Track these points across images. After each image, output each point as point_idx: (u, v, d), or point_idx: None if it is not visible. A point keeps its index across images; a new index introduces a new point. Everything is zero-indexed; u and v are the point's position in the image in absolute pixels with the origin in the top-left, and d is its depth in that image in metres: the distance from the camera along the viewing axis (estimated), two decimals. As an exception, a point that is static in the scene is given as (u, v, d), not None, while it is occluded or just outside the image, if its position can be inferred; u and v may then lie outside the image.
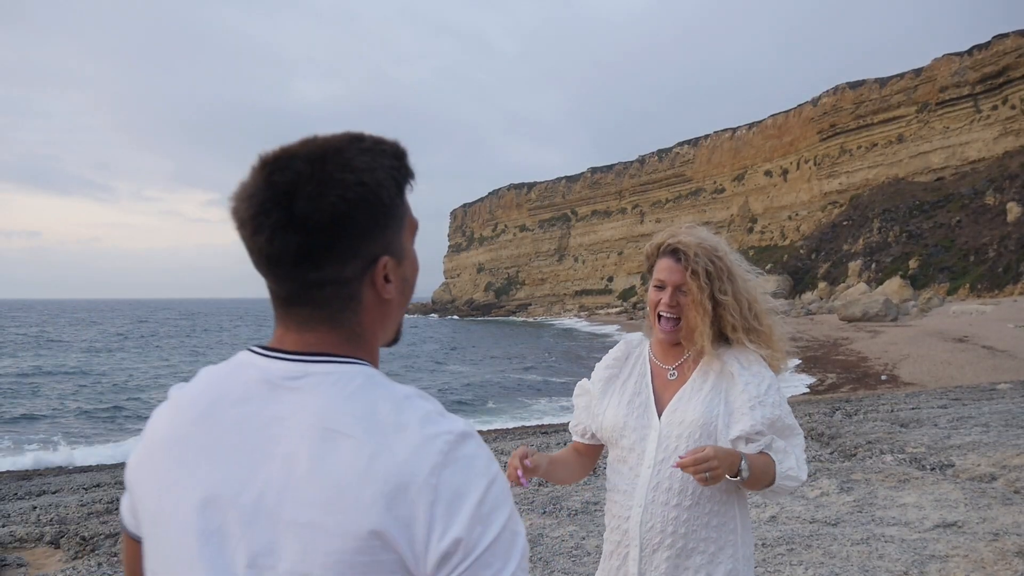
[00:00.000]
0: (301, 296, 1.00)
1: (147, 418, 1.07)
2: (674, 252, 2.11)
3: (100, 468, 12.75)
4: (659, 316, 2.12)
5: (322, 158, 0.97)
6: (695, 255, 2.07)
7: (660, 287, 2.12)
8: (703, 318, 2.08)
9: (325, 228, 0.95)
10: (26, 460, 15.62)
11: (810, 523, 4.98)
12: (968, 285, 54.53)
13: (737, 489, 2.06)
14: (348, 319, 1.02)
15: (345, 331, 1.02)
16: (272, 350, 1.01)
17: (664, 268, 2.12)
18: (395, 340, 1.14)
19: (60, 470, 12.90)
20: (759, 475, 1.94)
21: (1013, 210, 58.88)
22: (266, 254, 0.98)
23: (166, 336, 71.27)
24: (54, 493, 8.57)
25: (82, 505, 6.65)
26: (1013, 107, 71.27)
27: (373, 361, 1.04)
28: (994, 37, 75.00)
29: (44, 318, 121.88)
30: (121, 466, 12.57)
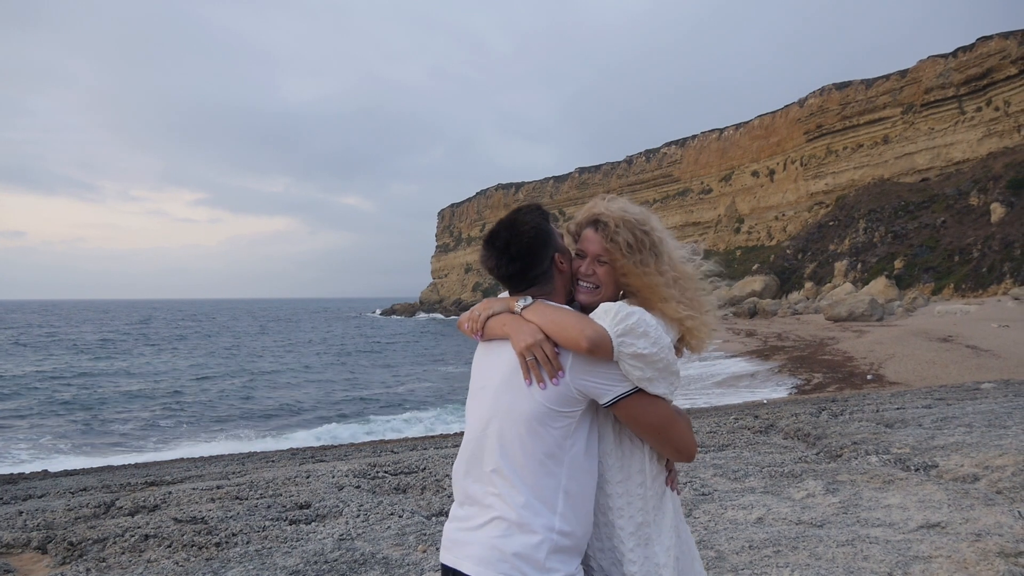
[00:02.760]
0: (524, 286, 2.16)
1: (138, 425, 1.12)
2: (595, 223, 2.19)
3: (86, 472, 12.67)
4: (577, 283, 2.20)
5: (512, 223, 2.13)
6: (615, 227, 2.14)
7: (581, 256, 2.20)
8: (629, 281, 2.15)
9: (527, 254, 2.11)
10: (11, 464, 15.54)
11: (796, 524, 5.03)
12: (952, 285, 54.92)
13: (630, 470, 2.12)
14: (548, 285, 2.17)
15: (547, 293, 2.17)
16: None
17: (585, 238, 2.20)
18: (571, 300, 2.21)
19: (46, 474, 12.79)
20: (552, 315, 2.04)
21: (997, 211, 59.35)
22: (504, 275, 2.15)
23: (198, 337, 70.83)
24: (40, 497, 8.51)
25: (69, 510, 6.61)
26: (997, 109, 71.84)
27: (560, 303, 2.18)
28: (978, 39, 75.54)
29: (42, 319, 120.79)
30: (107, 470, 12.50)
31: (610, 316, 1.99)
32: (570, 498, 2.01)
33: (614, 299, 2.15)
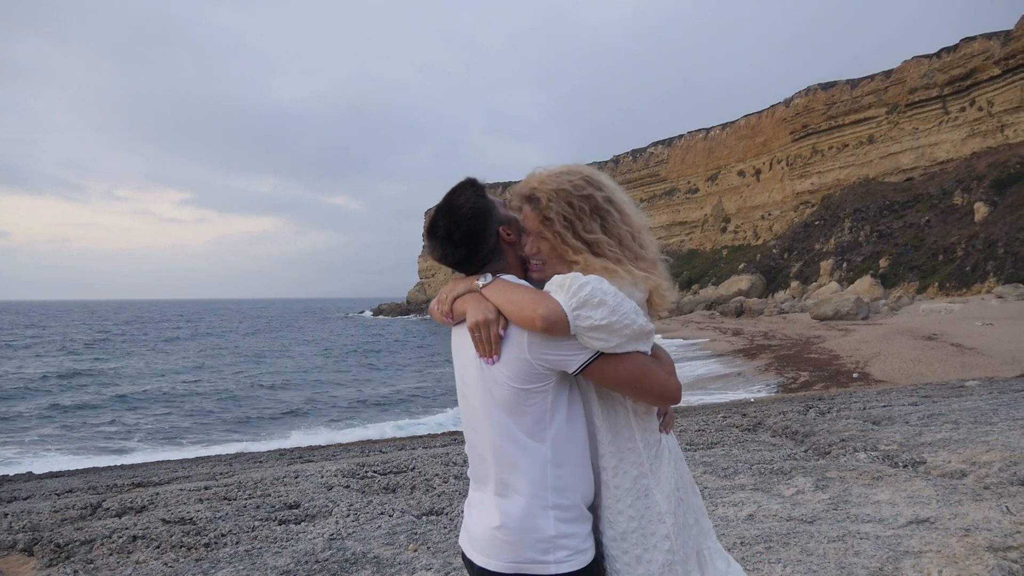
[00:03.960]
0: (476, 268, 2.11)
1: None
2: (529, 198, 2.14)
3: (71, 474, 12.56)
4: (528, 260, 2.16)
5: (448, 208, 2.06)
6: (548, 201, 2.08)
7: (526, 233, 2.16)
8: (572, 257, 2.08)
9: (471, 238, 2.06)
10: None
11: (787, 521, 5.04)
12: (937, 284, 55.32)
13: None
14: (501, 261, 2.12)
15: (501, 268, 2.12)
16: None
17: (524, 215, 2.15)
18: (526, 277, 2.15)
19: (30, 475, 12.68)
20: (509, 294, 1.98)
21: (980, 210, 59.85)
22: (453, 262, 2.10)
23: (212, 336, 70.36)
24: (25, 499, 8.43)
25: (55, 511, 6.55)
26: (980, 109, 72.43)
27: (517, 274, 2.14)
28: (962, 40, 76.15)
29: (28, 319, 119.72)
30: (93, 471, 12.41)
31: (564, 289, 1.93)
32: (560, 469, 1.99)
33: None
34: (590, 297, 1.90)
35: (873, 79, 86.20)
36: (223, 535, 5.39)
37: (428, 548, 4.95)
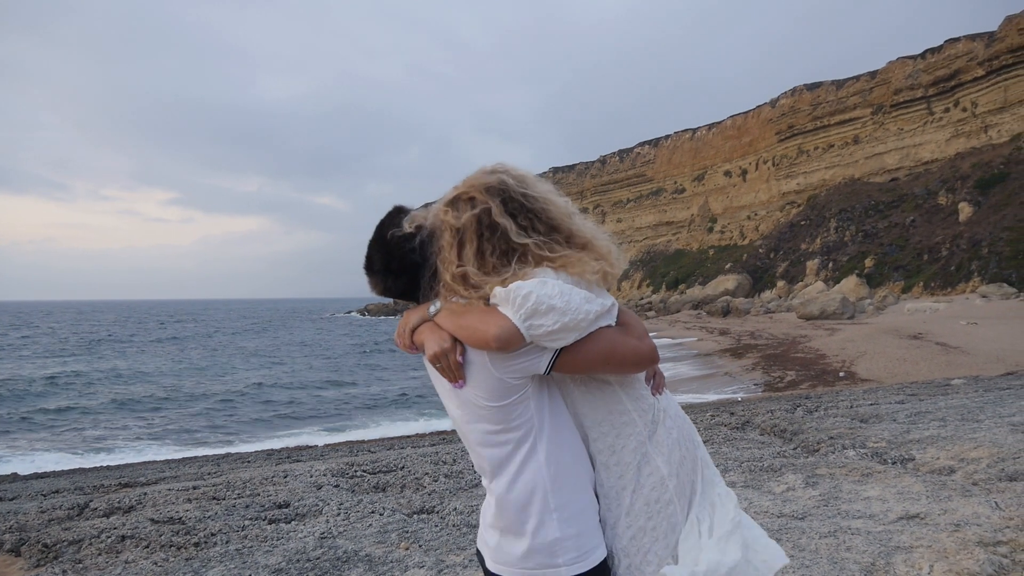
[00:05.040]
0: (416, 295, 2.08)
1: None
2: (432, 235, 2.05)
3: (58, 474, 12.46)
4: None
5: (380, 240, 2.05)
6: (442, 236, 2.01)
7: None
8: (444, 294, 2.03)
9: (406, 269, 2.04)
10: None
11: (778, 517, 5.06)
12: (922, 283, 55.73)
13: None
14: (438, 288, 2.02)
15: (438, 293, 2.03)
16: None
17: None
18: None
19: (15, 476, 12.57)
20: (459, 320, 1.93)
21: (965, 210, 60.36)
22: (399, 293, 2.10)
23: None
24: (11, 500, 8.36)
25: (42, 512, 6.50)
26: (964, 109, 73.04)
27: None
28: (946, 41, 76.78)
29: (15, 319, 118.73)
30: (79, 472, 12.28)
31: (509, 303, 1.88)
32: (558, 469, 1.98)
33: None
34: (537, 306, 1.86)
35: (858, 80, 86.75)
36: (213, 534, 5.36)
37: (420, 546, 4.94)
